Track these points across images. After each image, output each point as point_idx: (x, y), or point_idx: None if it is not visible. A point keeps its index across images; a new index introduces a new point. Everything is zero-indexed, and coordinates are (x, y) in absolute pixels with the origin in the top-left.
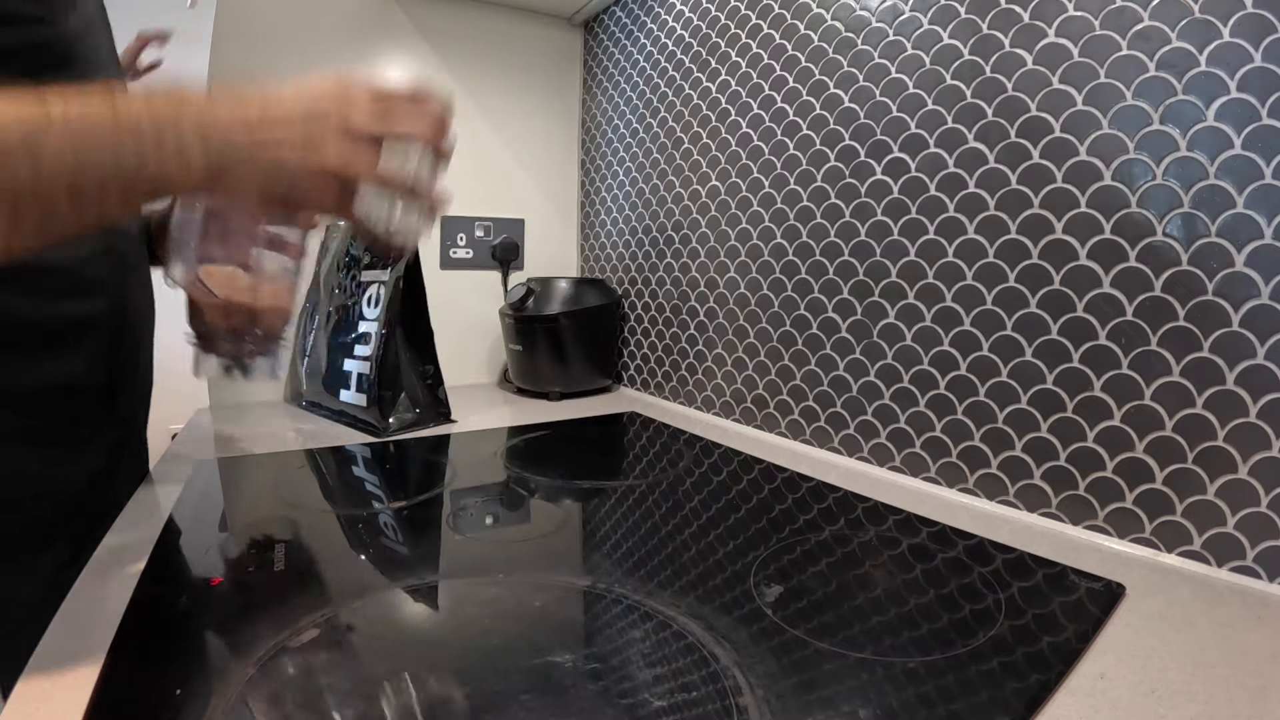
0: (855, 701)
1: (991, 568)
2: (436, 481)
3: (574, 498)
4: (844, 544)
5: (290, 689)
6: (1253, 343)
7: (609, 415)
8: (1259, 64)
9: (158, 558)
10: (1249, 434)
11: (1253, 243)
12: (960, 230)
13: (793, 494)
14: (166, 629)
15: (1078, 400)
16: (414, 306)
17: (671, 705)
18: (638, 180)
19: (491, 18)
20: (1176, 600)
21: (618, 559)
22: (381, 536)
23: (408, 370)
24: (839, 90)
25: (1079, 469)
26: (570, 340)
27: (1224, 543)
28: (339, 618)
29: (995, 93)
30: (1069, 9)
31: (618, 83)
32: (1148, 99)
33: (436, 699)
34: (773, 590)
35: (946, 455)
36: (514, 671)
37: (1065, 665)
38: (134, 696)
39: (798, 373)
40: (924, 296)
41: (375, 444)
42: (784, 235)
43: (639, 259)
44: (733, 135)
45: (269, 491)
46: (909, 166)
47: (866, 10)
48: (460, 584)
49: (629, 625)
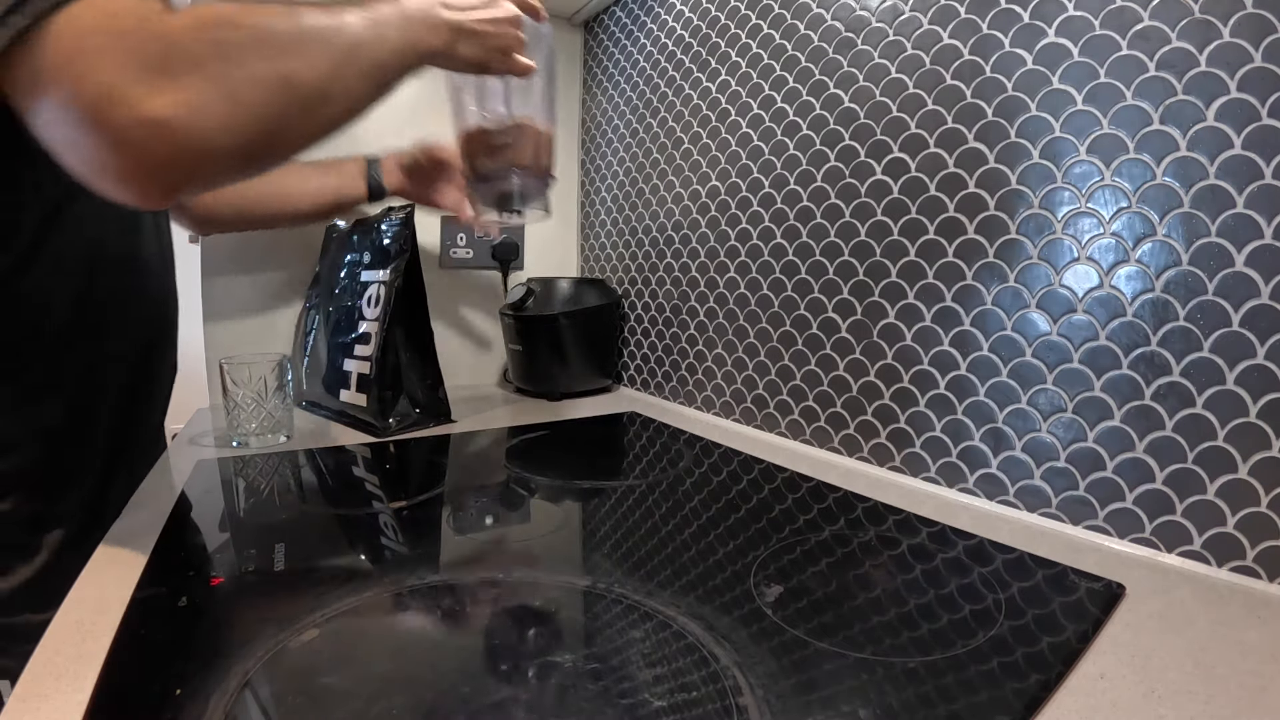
0: (855, 701)
1: (991, 568)
2: (436, 481)
3: (574, 498)
4: (844, 544)
5: (290, 689)
6: (1253, 342)
7: (609, 415)
8: (1259, 64)
9: (158, 557)
10: (1249, 434)
11: (1253, 243)
12: (960, 230)
13: (793, 494)
14: (166, 628)
15: (1077, 400)
16: (414, 306)
17: (671, 705)
18: (638, 180)
19: None
20: (1176, 600)
21: (618, 559)
22: (381, 536)
23: (407, 370)
24: (839, 90)
25: (1078, 469)
26: (570, 340)
27: (1224, 543)
28: (339, 618)
29: (995, 93)
30: (1069, 9)
31: (618, 83)
32: (1148, 99)
33: (436, 699)
34: (773, 590)
35: (946, 455)
36: (514, 671)
37: (1065, 665)
38: (134, 696)
39: (798, 373)
40: (924, 296)
41: (375, 444)
42: (784, 235)
43: (639, 259)
44: (733, 135)
45: (269, 491)
46: (909, 166)
47: (866, 10)
48: (460, 584)
49: (629, 625)
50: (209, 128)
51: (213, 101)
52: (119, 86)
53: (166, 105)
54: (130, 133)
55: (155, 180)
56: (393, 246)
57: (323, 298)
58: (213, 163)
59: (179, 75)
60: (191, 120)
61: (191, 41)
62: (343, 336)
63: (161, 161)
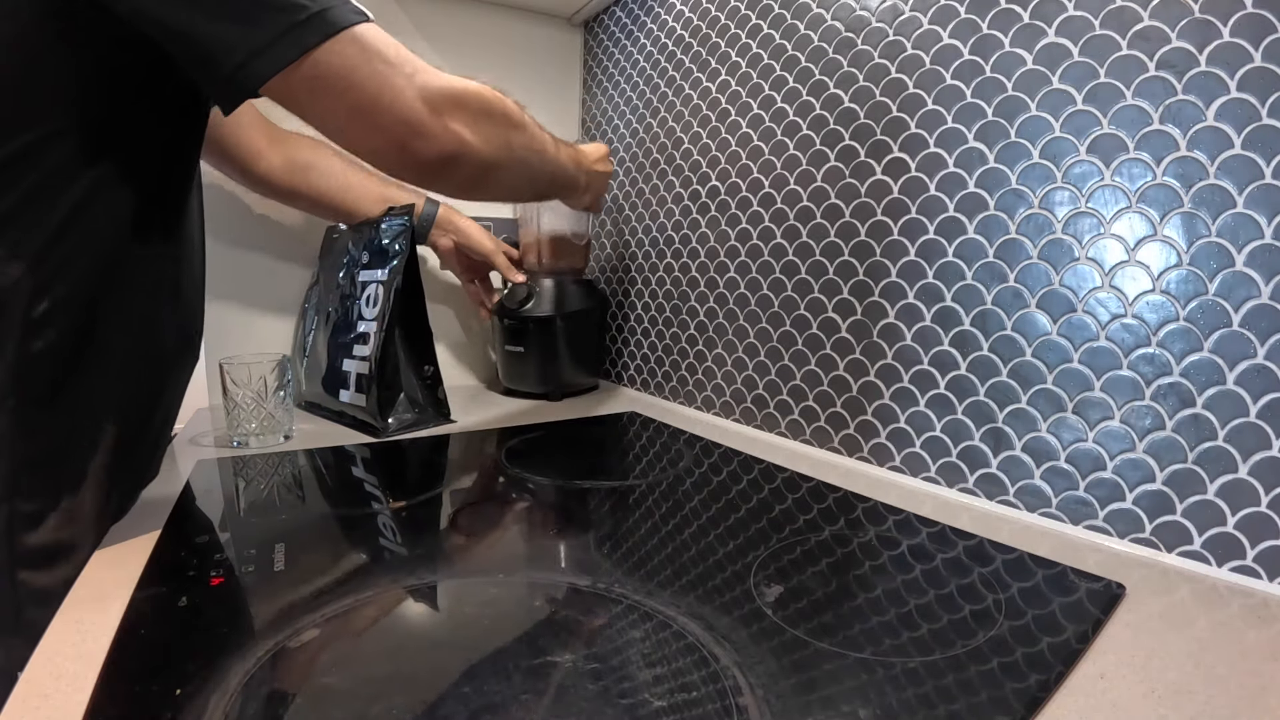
0: (855, 701)
1: (991, 568)
2: (436, 481)
3: (574, 498)
4: (844, 544)
5: (290, 689)
6: (1253, 342)
7: (609, 415)
8: (1259, 64)
9: (158, 557)
10: (1249, 433)
11: (1253, 243)
12: (960, 230)
13: (793, 494)
14: (166, 628)
15: (1077, 400)
16: (412, 306)
17: (671, 705)
18: (638, 180)
19: (491, 18)
20: (1176, 600)
21: (617, 559)
22: (381, 536)
23: (406, 370)
24: (839, 90)
25: (1078, 469)
26: (565, 340)
27: (1224, 543)
28: (339, 618)
29: (995, 93)
30: (1069, 9)
31: (618, 83)
32: (1148, 99)
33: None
34: (773, 590)
35: (946, 455)
36: (514, 671)
37: (1065, 665)
38: (134, 696)
39: (798, 373)
40: (924, 296)
41: (375, 444)
42: (784, 235)
43: (639, 258)
44: (733, 135)
45: (269, 491)
46: (909, 166)
47: (866, 10)
48: (460, 584)
49: (629, 625)
50: (481, 151)
51: (485, 138)
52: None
53: (460, 126)
54: (428, 136)
55: (425, 168)
56: (391, 247)
57: (322, 298)
58: (465, 173)
59: (468, 112)
60: (475, 143)
61: (475, 96)
62: (342, 337)
63: (440, 159)
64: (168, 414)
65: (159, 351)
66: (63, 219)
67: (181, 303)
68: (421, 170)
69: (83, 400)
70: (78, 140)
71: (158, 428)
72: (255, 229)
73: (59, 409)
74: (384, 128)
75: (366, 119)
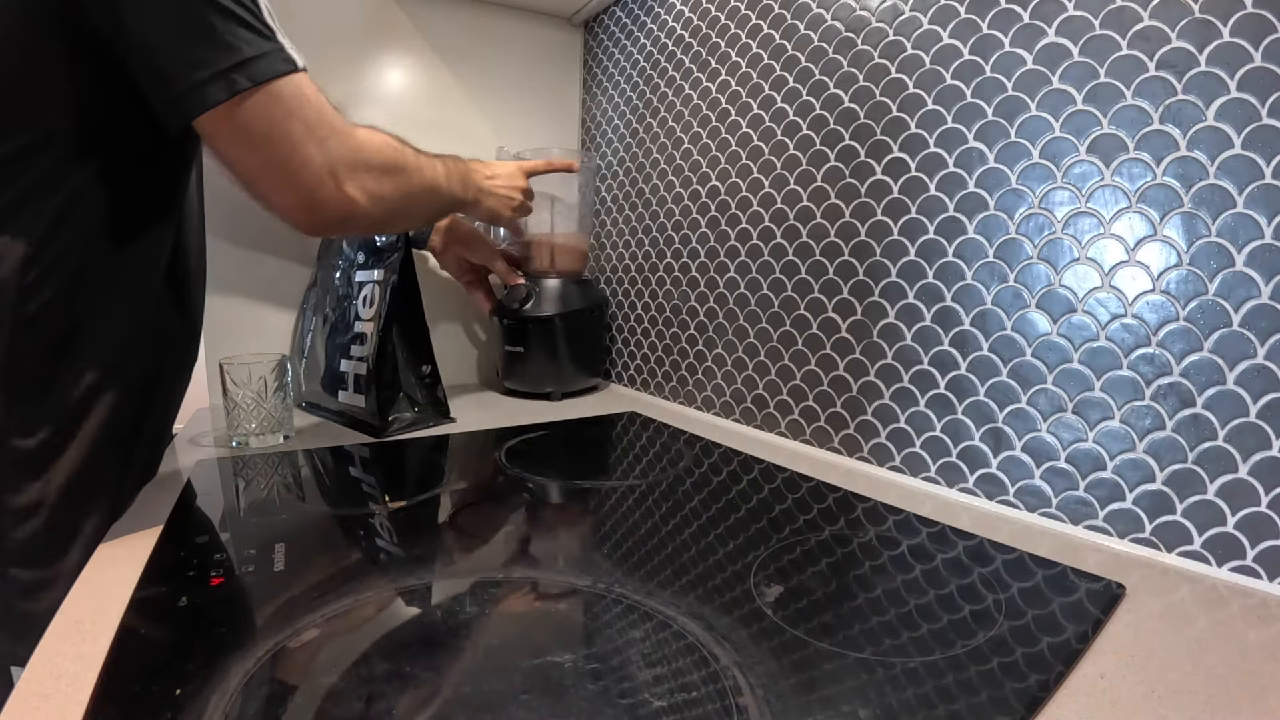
0: (855, 701)
1: (991, 568)
2: (436, 481)
3: (574, 498)
4: (844, 544)
5: (290, 689)
6: (1253, 342)
7: (609, 415)
8: (1259, 64)
9: (158, 557)
10: (1249, 433)
11: (1253, 243)
12: (960, 230)
13: (793, 494)
14: (166, 628)
15: (1077, 400)
16: (409, 306)
17: (671, 705)
18: (638, 180)
19: (491, 18)
20: (1176, 600)
21: (617, 559)
22: (380, 536)
23: (405, 370)
24: (839, 90)
25: (1078, 469)
26: (565, 340)
27: (1224, 543)
28: (339, 618)
29: (995, 93)
30: (1069, 9)
31: (618, 83)
32: (1148, 99)
33: (437, 699)
34: (773, 590)
35: (946, 455)
36: (514, 671)
37: (1065, 665)
38: (134, 696)
39: (798, 373)
40: (924, 296)
41: (374, 444)
42: (784, 235)
43: (639, 258)
44: (733, 135)
45: (269, 491)
46: (909, 166)
47: (866, 10)
48: (460, 584)
49: (629, 625)
50: (372, 212)
51: (379, 198)
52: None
53: (357, 192)
54: (328, 203)
55: (320, 228)
56: (385, 244)
57: (319, 299)
58: (359, 228)
59: (370, 174)
60: (367, 206)
61: (376, 155)
62: (339, 338)
63: (336, 221)
64: (166, 407)
65: (159, 327)
66: (59, 209)
67: (179, 277)
68: (319, 229)
69: (77, 375)
70: (73, 139)
71: (155, 420)
72: (255, 229)
73: (54, 384)
74: (291, 189)
75: (276, 177)
